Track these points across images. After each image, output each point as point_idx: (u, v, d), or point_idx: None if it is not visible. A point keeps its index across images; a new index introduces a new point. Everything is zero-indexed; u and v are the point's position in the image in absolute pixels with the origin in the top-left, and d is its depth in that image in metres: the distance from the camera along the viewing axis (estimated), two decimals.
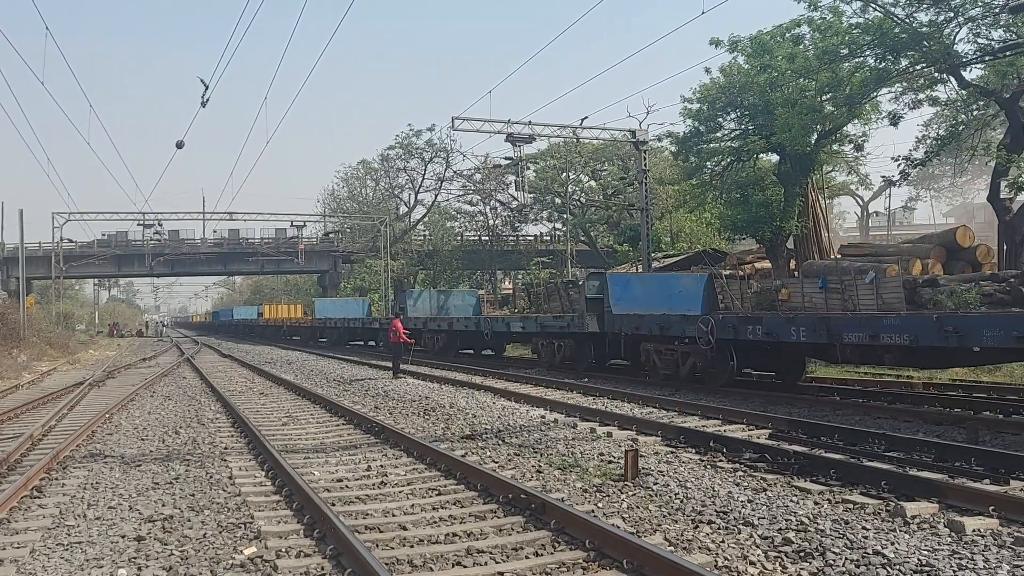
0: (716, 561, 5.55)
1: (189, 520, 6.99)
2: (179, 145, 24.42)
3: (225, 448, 10.73)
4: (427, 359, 26.88)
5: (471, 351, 30.02)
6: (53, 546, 6.31)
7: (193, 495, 7.94)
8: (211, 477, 8.80)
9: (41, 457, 9.86)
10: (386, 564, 5.50)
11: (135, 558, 5.95)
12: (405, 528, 6.57)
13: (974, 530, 6.04)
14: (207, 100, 18.63)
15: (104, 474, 9.08)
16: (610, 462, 8.96)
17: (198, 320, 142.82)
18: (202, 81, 18.47)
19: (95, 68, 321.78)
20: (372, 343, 41.36)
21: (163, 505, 7.55)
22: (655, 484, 7.80)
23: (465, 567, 5.61)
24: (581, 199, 52.24)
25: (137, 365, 31.11)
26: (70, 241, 64.46)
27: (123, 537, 6.51)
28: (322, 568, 5.65)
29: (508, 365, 24.40)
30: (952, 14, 20.98)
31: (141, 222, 62.55)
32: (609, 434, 10.94)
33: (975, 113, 23.87)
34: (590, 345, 19.96)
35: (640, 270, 28.37)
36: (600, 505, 7.16)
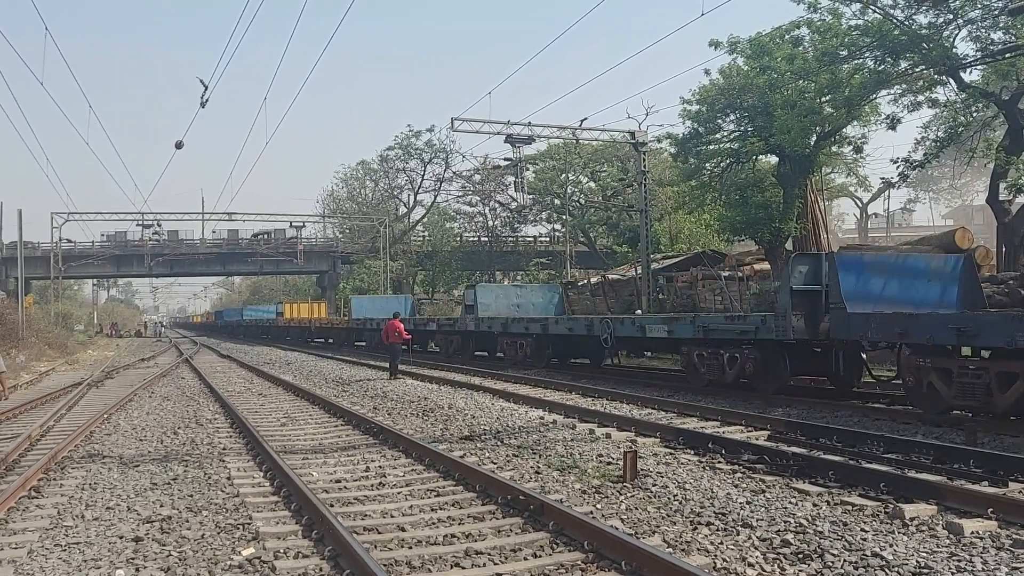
0: (715, 563, 5.55)
1: (187, 521, 6.99)
2: (178, 145, 24.43)
3: (223, 449, 10.72)
4: (476, 365, 24.45)
5: (584, 360, 23.72)
6: (51, 547, 6.30)
7: (191, 496, 7.93)
8: (209, 478, 8.79)
9: (39, 457, 9.85)
10: (384, 565, 5.49)
11: (133, 559, 5.95)
12: (404, 529, 6.56)
13: (973, 532, 6.04)
14: (206, 100, 18.63)
15: (102, 475, 9.07)
16: (609, 463, 8.96)
17: (199, 320, 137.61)
18: (201, 81, 18.47)
19: (94, 68, 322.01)
20: (418, 348, 36.00)
21: (161, 506, 7.55)
22: (654, 485, 7.80)
23: (464, 568, 5.61)
24: (580, 200, 52.24)
25: (136, 366, 31.09)
26: (69, 241, 64.46)
27: (121, 538, 6.51)
28: (320, 569, 5.64)
29: (636, 383, 18.14)
30: (951, 16, 20.99)
31: (140, 222, 62.60)
32: (608, 435, 10.94)
33: (974, 115, 23.87)
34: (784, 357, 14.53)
35: (640, 271, 28.37)
36: (599, 506, 7.15)
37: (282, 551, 6.04)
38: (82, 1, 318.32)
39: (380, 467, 9.19)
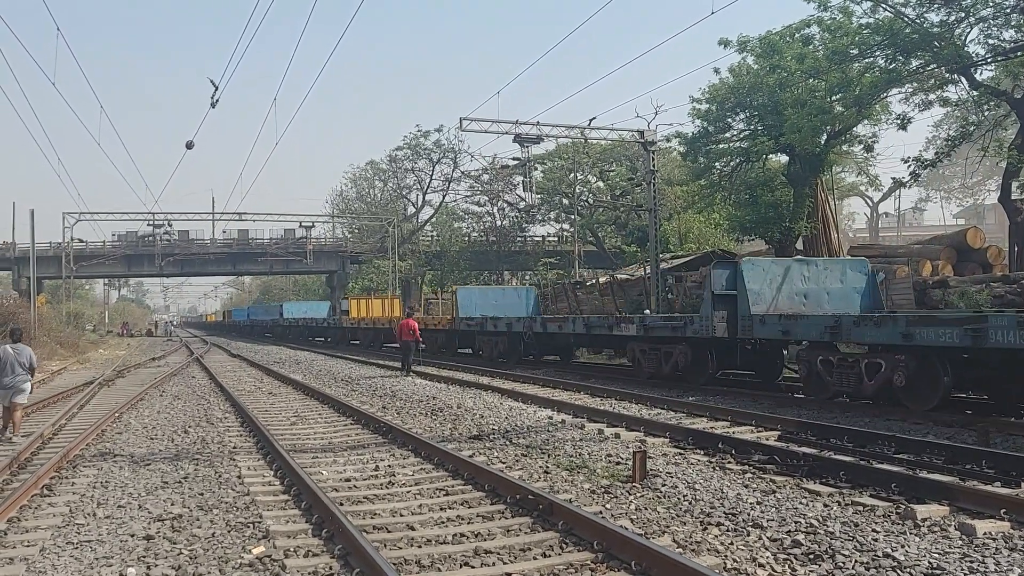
0: (725, 563, 5.53)
1: (198, 519, 7.01)
2: (189, 146, 24.52)
3: (234, 447, 10.76)
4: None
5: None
6: (63, 544, 6.33)
7: (202, 494, 7.96)
8: (220, 476, 8.82)
9: (51, 456, 9.90)
10: (394, 564, 5.50)
11: (144, 557, 5.97)
12: (413, 528, 6.57)
13: (985, 533, 6.00)
14: (217, 101, 18.68)
15: (114, 473, 9.11)
16: (618, 463, 8.94)
17: (212, 319, 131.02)
18: (212, 82, 18.52)
19: (106, 69, 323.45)
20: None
21: (172, 504, 7.57)
22: (663, 486, 7.78)
23: (473, 567, 5.60)
24: (589, 200, 52.17)
25: (146, 365, 31.22)
26: (81, 241, 64.79)
27: (132, 536, 6.53)
28: (330, 568, 5.65)
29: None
30: (963, 14, 20.89)
31: (151, 222, 62.92)
32: (617, 435, 10.92)
33: (986, 114, 23.74)
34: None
35: (648, 271, 28.30)
36: (608, 506, 7.14)
37: (292, 550, 6.06)
38: (94, 2, 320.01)
39: (389, 466, 9.20)
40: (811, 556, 5.62)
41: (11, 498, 7.39)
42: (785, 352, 16.66)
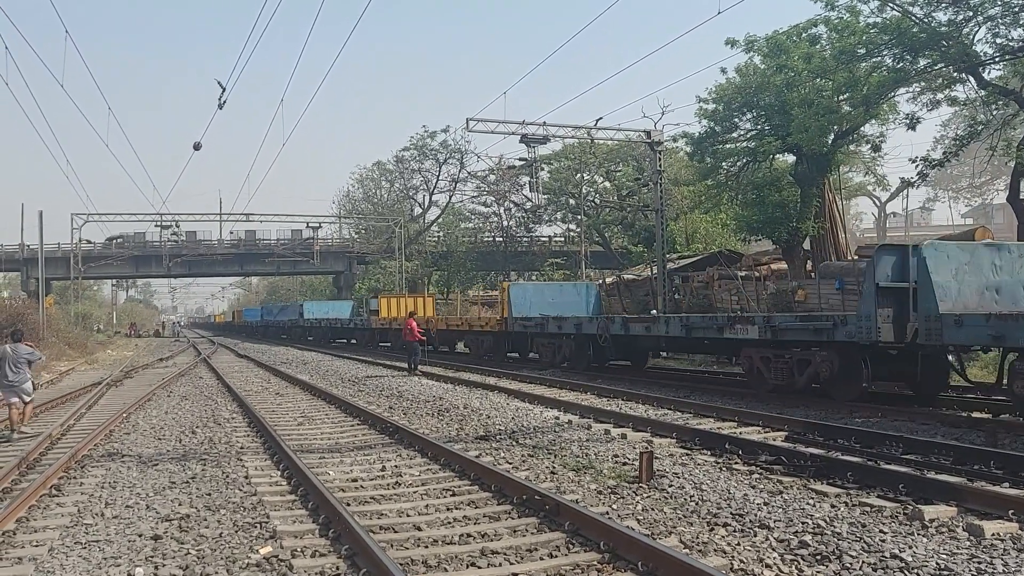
0: (732, 564, 5.52)
1: (205, 519, 7.03)
2: (196, 147, 24.56)
3: (241, 448, 10.78)
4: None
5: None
6: (71, 544, 6.36)
7: (209, 494, 7.99)
8: (227, 476, 8.84)
9: (60, 456, 9.96)
10: (401, 564, 5.51)
11: (152, 557, 5.99)
12: (420, 528, 6.58)
13: (993, 534, 5.98)
14: (224, 102, 18.73)
15: (121, 473, 9.15)
16: (624, 464, 8.94)
17: (221, 320, 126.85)
18: (219, 83, 18.57)
19: (114, 71, 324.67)
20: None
21: (180, 504, 7.60)
22: (670, 486, 7.77)
23: (480, 568, 5.61)
24: (595, 200, 52.14)
25: (154, 365, 31.33)
26: (89, 242, 65.08)
27: (140, 536, 6.56)
28: (337, 568, 5.66)
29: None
30: (971, 13, 20.78)
31: (159, 223, 63.11)
32: (623, 435, 10.91)
33: (994, 113, 23.63)
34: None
35: (655, 271, 28.28)
36: (614, 507, 7.14)
37: (299, 550, 6.07)
38: (101, 4, 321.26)
39: (396, 466, 9.21)
40: (818, 557, 5.61)
41: (20, 498, 7.43)
42: (951, 359, 13.56)
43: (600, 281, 38.04)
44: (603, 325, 20.05)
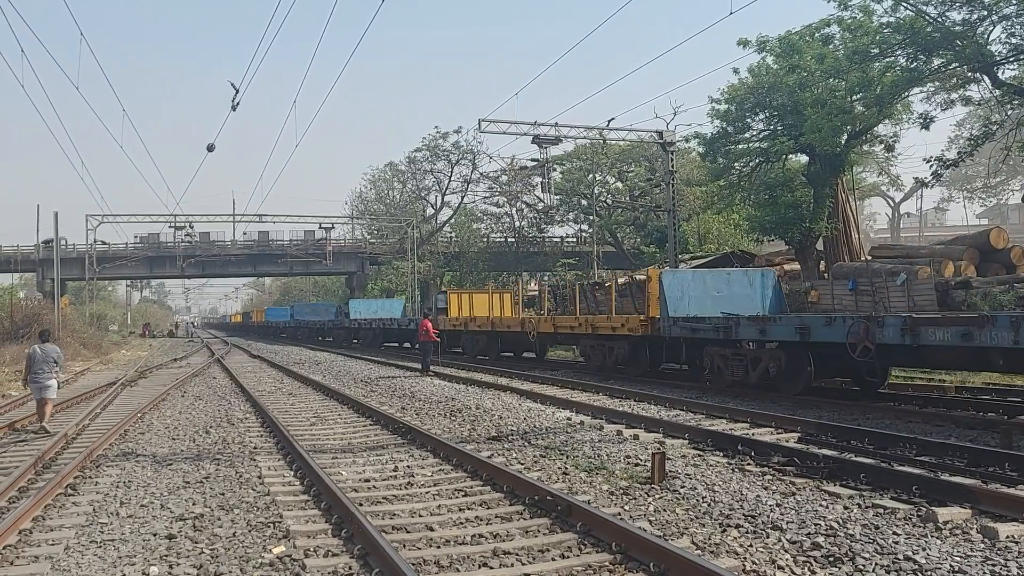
0: (744, 565, 5.51)
1: (219, 519, 7.08)
2: (210, 148, 24.73)
3: (254, 448, 10.84)
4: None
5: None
6: (87, 543, 6.42)
7: (223, 494, 8.03)
8: (241, 476, 8.89)
9: (75, 456, 10.04)
10: (413, 564, 5.53)
11: (166, 556, 6.04)
12: (432, 529, 6.60)
13: (1008, 536, 5.95)
14: (238, 104, 18.85)
15: (136, 473, 9.21)
16: (637, 465, 8.93)
17: (237, 320, 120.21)
18: (233, 85, 18.70)
19: (128, 73, 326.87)
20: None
21: (194, 504, 7.65)
22: (682, 487, 7.77)
23: (492, 568, 5.62)
24: (607, 200, 52.11)
25: (168, 365, 31.52)
26: (103, 243, 65.55)
27: (155, 535, 6.61)
28: (350, 568, 5.69)
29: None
30: (985, 12, 20.65)
31: (173, 224, 63.54)
32: (636, 436, 10.91)
33: (1009, 113, 23.47)
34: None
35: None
36: (626, 508, 7.14)
37: (312, 549, 6.10)
38: (116, 7, 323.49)
39: (408, 467, 9.24)
40: (831, 559, 5.59)
41: (36, 497, 7.49)
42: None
43: (612, 282, 37.96)
44: (863, 329, 12.51)
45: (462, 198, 63.80)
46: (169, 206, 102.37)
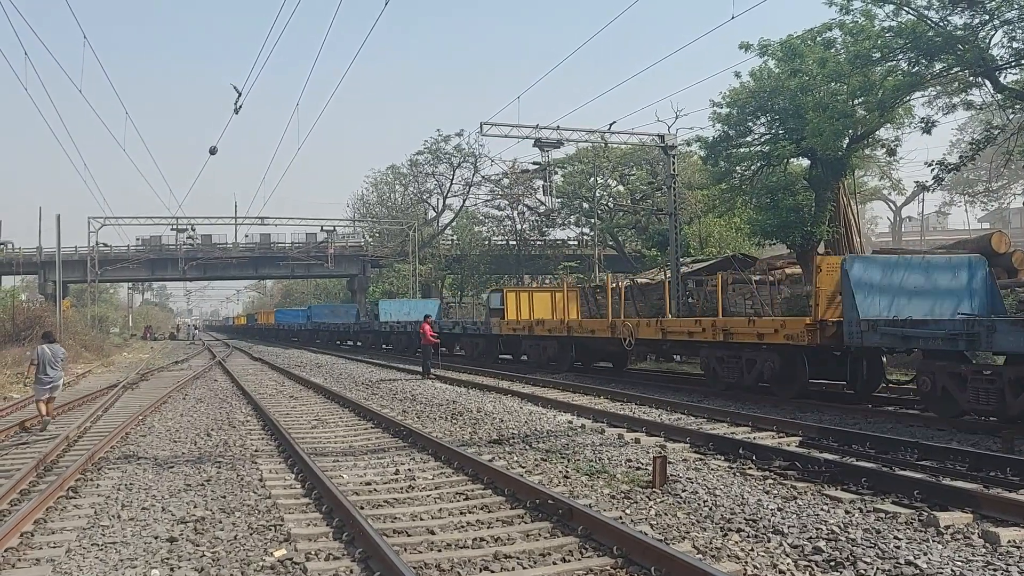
0: (745, 570, 5.51)
1: (220, 522, 7.08)
2: (212, 151, 24.77)
3: (256, 451, 10.85)
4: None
5: None
6: (88, 546, 6.42)
7: (224, 497, 8.04)
8: (242, 479, 8.90)
9: (77, 458, 10.04)
10: (414, 568, 5.53)
11: (168, 559, 6.05)
12: (433, 532, 6.60)
13: (1009, 541, 5.95)
14: (240, 107, 18.88)
15: (138, 475, 9.22)
16: (638, 468, 8.93)
17: (241, 323, 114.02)
18: (235, 88, 18.73)
19: (131, 76, 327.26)
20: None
21: (195, 507, 7.65)
22: (683, 491, 7.76)
23: (493, 572, 5.62)
24: (609, 204, 52.14)
25: (170, 368, 31.53)
26: (105, 245, 65.61)
27: (156, 538, 6.61)
28: (351, 571, 5.69)
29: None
30: (987, 17, 20.66)
31: (174, 226, 63.58)
32: (637, 440, 10.90)
33: (1011, 117, 23.47)
34: None
35: (669, 275, 28.23)
36: (628, 512, 7.14)
37: (313, 552, 6.11)
38: (119, 10, 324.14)
39: (410, 470, 9.24)
40: (832, 563, 5.59)
41: (38, 500, 7.50)
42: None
43: (615, 284, 37.95)
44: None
45: (464, 201, 63.94)
46: (171, 208, 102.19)
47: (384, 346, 42.73)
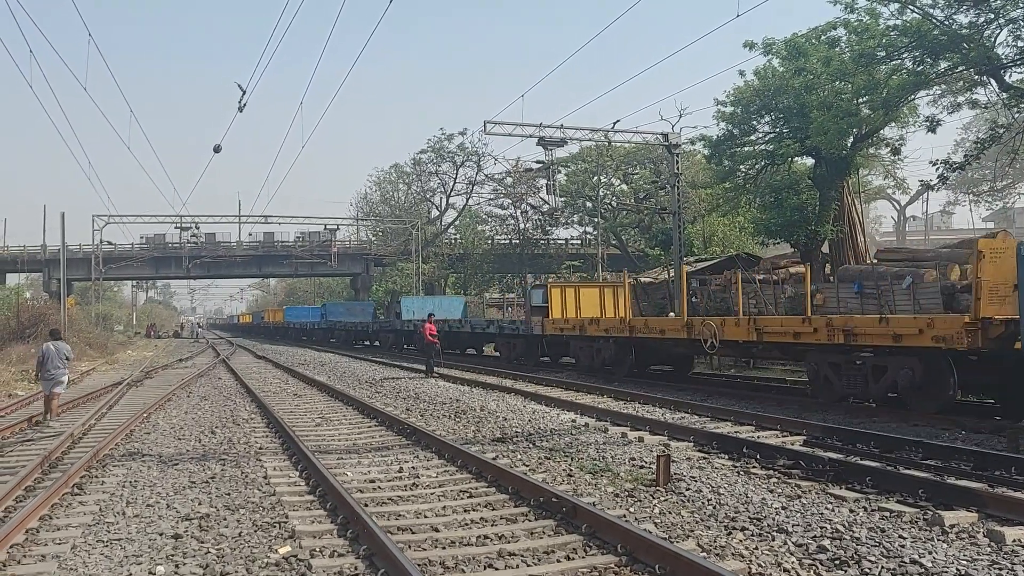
0: (750, 568, 5.51)
1: (225, 519, 7.10)
2: (217, 149, 24.79)
3: (260, 448, 10.87)
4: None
5: None
6: (93, 542, 6.44)
7: (229, 494, 8.05)
8: (246, 477, 8.91)
9: (81, 455, 10.07)
10: (419, 565, 5.53)
11: (172, 555, 6.06)
12: (437, 530, 6.61)
13: (1015, 540, 5.94)
14: (244, 105, 18.90)
15: (142, 473, 9.24)
16: (641, 467, 8.93)
17: (246, 320, 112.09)
18: (239, 86, 18.75)
19: (136, 73, 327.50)
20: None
21: (200, 504, 7.67)
22: (687, 490, 7.76)
23: (497, 569, 5.63)
24: (612, 203, 52.09)
25: (173, 366, 31.58)
26: (109, 243, 65.72)
27: (161, 535, 6.63)
28: (355, 568, 5.70)
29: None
30: (992, 15, 20.60)
31: (178, 225, 63.62)
32: (640, 439, 10.90)
33: (1016, 116, 23.41)
34: None
35: (672, 274, 28.20)
36: (632, 510, 7.14)
37: (318, 550, 6.12)
38: (124, 8, 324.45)
39: (413, 468, 9.25)
40: (837, 562, 5.58)
41: (43, 496, 7.52)
42: None
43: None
44: None
45: (467, 200, 63.95)
46: (175, 207, 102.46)
47: (406, 345, 39.91)
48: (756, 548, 5.92)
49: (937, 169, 23.12)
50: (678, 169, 28.26)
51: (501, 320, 30.71)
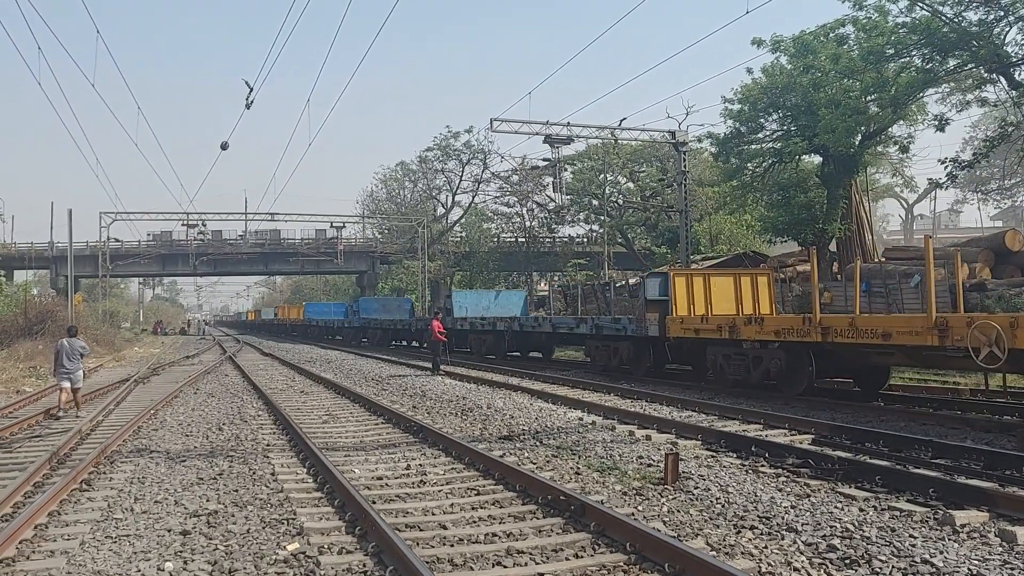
0: (759, 567, 5.48)
1: (233, 515, 7.10)
2: (224, 146, 24.79)
3: (267, 445, 10.87)
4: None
5: None
6: (102, 539, 6.44)
7: (237, 491, 8.05)
8: (254, 473, 8.92)
9: (89, 451, 10.09)
10: (427, 562, 5.52)
11: (181, 552, 6.06)
12: (445, 527, 6.59)
13: None
14: (251, 102, 18.89)
15: (150, 469, 9.25)
16: (649, 465, 8.91)
17: (254, 318, 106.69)
18: (247, 83, 18.74)
19: (143, 70, 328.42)
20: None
21: (208, 500, 7.67)
22: (696, 488, 7.74)
23: (505, 567, 5.61)
24: (619, 201, 52.02)
25: (180, 363, 31.65)
26: (117, 240, 65.92)
27: (169, 531, 6.63)
28: (364, 565, 5.69)
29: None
30: (1002, 13, 20.51)
31: (185, 222, 63.77)
32: (648, 437, 10.88)
33: None
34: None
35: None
36: (640, 508, 7.11)
37: (326, 546, 6.11)
38: (132, 5, 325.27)
39: (421, 465, 9.24)
40: (847, 561, 5.56)
41: (51, 492, 7.53)
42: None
43: (624, 282, 37.92)
44: None
45: (473, 197, 63.91)
46: (182, 204, 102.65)
47: (457, 349, 31.20)
48: (766, 547, 5.90)
49: (946, 167, 23.06)
50: (685, 167, 28.22)
51: (601, 319, 23.77)
